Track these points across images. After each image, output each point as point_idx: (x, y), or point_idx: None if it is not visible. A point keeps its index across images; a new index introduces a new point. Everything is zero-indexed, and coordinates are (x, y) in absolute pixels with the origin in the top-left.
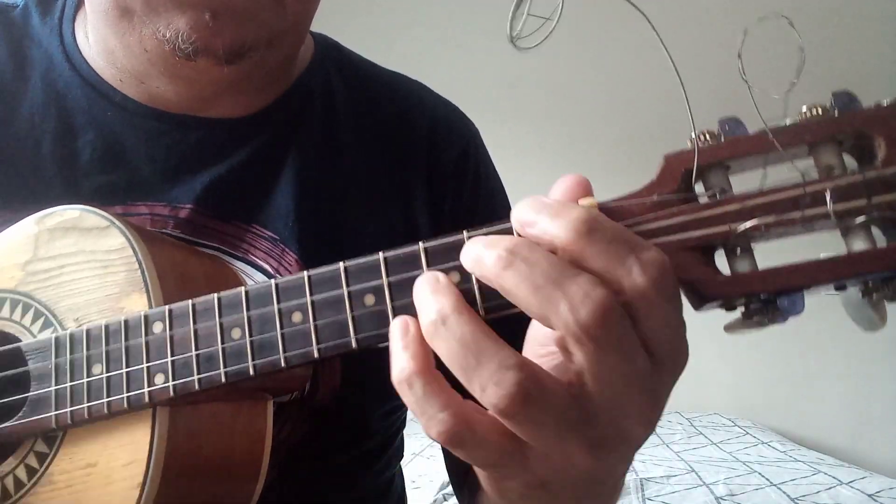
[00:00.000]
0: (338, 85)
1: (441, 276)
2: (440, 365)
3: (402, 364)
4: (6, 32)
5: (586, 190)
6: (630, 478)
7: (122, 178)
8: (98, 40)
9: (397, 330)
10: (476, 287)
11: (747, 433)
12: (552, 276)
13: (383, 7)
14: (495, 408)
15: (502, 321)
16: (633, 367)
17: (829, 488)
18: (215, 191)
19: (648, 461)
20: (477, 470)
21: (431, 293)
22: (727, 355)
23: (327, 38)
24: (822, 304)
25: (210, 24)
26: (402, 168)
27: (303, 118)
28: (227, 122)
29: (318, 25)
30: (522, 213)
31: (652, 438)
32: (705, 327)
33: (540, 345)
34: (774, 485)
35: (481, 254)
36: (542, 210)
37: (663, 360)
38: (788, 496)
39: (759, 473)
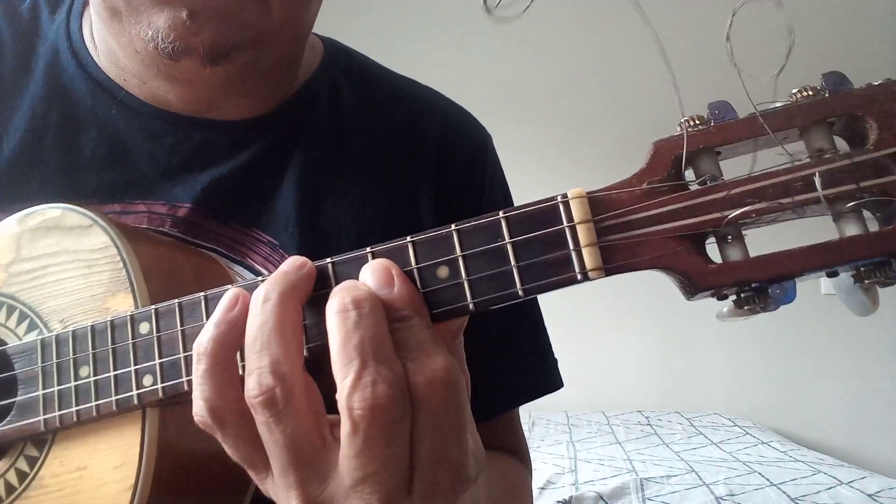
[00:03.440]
0: (346, 90)
1: (300, 261)
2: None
3: (202, 337)
4: (13, 26)
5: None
6: (630, 478)
7: (123, 175)
8: (101, 40)
9: (224, 302)
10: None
11: (747, 433)
12: (366, 346)
13: (383, 7)
14: (246, 393)
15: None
16: (380, 468)
17: (829, 488)
18: (215, 192)
19: (648, 461)
20: None
21: (283, 274)
22: (727, 355)
23: (337, 42)
24: (822, 304)
25: (188, 23)
26: (409, 175)
27: (308, 123)
28: (230, 124)
29: (318, 25)
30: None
31: (652, 438)
32: (705, 327)
33: None
34: (774, 485)
35: (342, 288)
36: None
37: (424, 477)
38: (788, 496)
39: (759, 473)
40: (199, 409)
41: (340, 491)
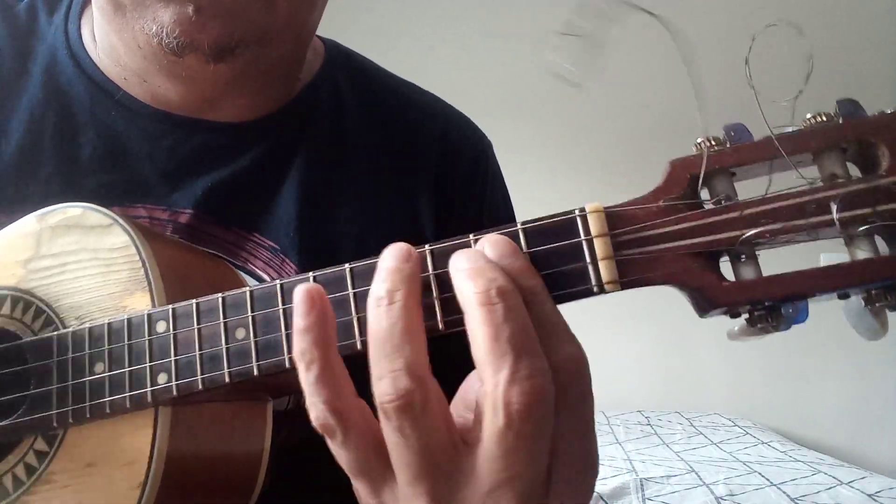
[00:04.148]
0: (347, 94)
1: (413, 252)
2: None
3: (301, 345)
4: (10, 27)
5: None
6: (630, 478)
7: (122, 177)
8: (102, 37)
9: (303, 304)
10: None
11: (747, 433)
12: (518, 339)
13: (384, 7)
14: (378, 398)
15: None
16: (525, 468)
17: (829, 488)
18: (216, 196)
19: (648, 461)
20: None
21: (397, 271)
22: (727, 355)
23: (339, 45)
24: (822, 304)
25: (193, 19)
26: (410, 179)
27: (309, 126)
28: (230, 127)
29: (320, 26)
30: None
31: (652, 438)
32: (705, 327)
33: (465, 407)
34: (774, 485)
35: (474, 271)
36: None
37: (563, 475)
38: (788, 496)
39: (759, 473)
40: (319, 412)
41: (475, 497)
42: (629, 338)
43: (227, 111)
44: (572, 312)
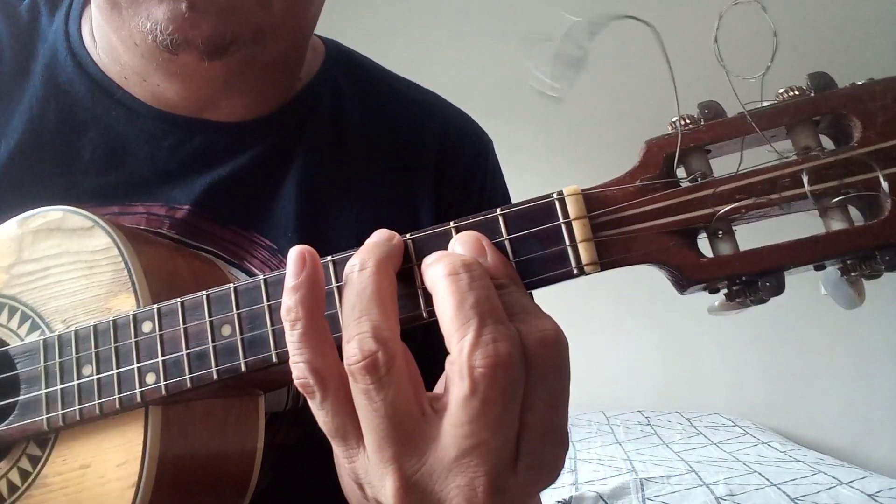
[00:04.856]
0: (347, 93)
1: (389, 233)
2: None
3: (288, 303)
4: (12, 27)
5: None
6: (630, 478)
7: (122, 177)
8: (101, 36)
9: (294, 264)
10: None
11: (747, 433)
12: (483, 305)
13: (383, 7)
14: (346, 360)
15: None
16: (491, 436)
17: (829, 488)
18: (215, 194)
19: (648, 461)
20: None
21: (375, 245)
22: (727, 355)
23: (339, 44)
24: (822, 304)
25: (187, 15)
26: (409, 177)
27: (309, 126)
28: (231, 126)
29: (318, 25)
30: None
31: (652, 438)
32: (705, 327)
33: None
34: (774, 485)
35: (440, 257)
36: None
37: (532, 448)
38: (788, 496)
39: (759, 473)
40: (300, 371)
41: (441, 465)
42: (629, 338)
43: (226, 111)
44: (572, 313)
